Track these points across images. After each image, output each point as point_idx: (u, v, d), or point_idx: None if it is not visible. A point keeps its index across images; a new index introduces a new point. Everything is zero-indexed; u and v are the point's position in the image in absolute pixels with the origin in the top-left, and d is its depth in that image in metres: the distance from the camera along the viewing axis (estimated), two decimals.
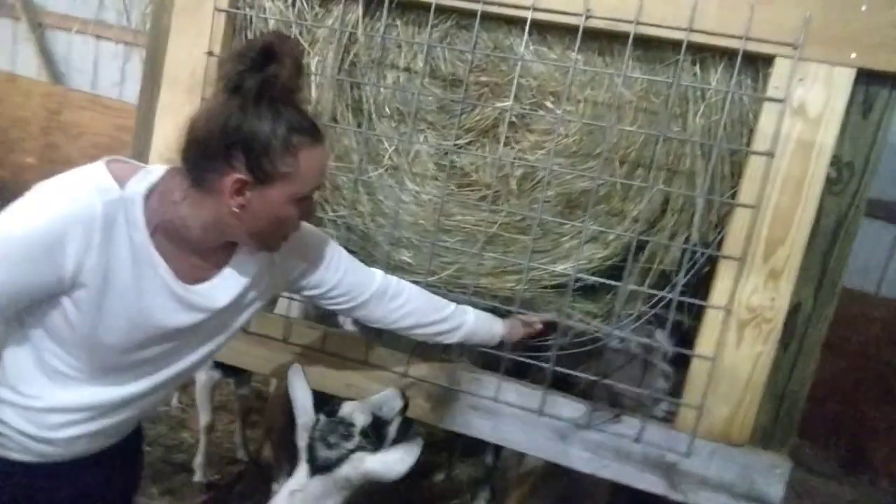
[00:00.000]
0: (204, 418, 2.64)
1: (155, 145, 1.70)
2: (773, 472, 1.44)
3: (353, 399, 1.41)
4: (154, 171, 1.07)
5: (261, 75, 0.98)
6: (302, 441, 1.29)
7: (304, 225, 1.26)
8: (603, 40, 1.50)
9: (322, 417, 1.29)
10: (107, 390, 1.12)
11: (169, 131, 1.66)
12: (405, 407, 1.42)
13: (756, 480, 1.45)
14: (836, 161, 1.39)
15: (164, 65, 1.68)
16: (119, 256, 1.01)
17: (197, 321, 1.13)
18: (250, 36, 1.67)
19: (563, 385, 1.61)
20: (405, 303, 1.40)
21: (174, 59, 1.67)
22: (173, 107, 1.68)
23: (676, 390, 1.60)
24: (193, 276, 1.11)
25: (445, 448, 3.30)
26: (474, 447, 3.03)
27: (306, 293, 1.32)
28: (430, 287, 1.65)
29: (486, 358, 1.65)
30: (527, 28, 1.46)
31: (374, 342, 1.65)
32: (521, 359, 1.58)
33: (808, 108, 1.35)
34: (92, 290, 1.01)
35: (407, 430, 1.35)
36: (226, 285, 1.15)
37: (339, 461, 1.23)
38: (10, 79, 5.46)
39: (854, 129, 1.38)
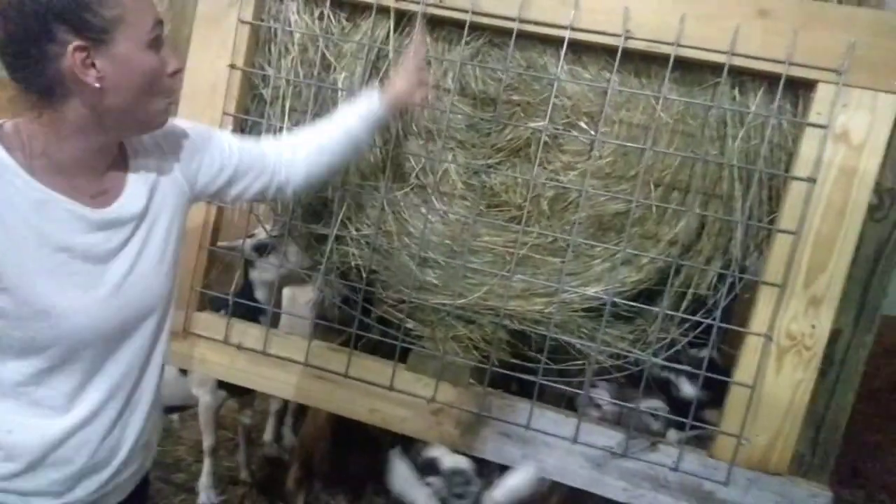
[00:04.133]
0: (208, 440, 2.56)
1: None
2: (812, 502, 1.42)
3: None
4: None
5: None
6: None
7: (181, 121, 1.22)
8: (639, 61, 1.47)
9: (435, 480, 1.28)
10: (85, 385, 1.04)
11: None
12: None
13: None
14: (877, 188, 1.38)
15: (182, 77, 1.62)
16: (13, 208, 0.92)
17: (124, 238, 1.04)
18: (274, 49, 1.62)
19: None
20: (299, 151, 1.34)
21: (194, 71, 1.61)
22: (195, 119, 1.61)
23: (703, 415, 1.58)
24: (99, 202, 1.02)
25: None
26: None
27: (214, 186, 1.23)
28: (457, 310, 1.62)
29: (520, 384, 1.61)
30: (563, 48, 1.43)
31: (400, 367, 1.61)
32: (555, 385, 1.54)
33: (851, 135, 1.34)
34: (2, 261, 0.92)
35: None
36: (134, 195, 1.06)
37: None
38: None
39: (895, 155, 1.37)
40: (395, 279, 1.66)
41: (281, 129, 1.63)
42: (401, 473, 1.26)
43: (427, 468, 1.29)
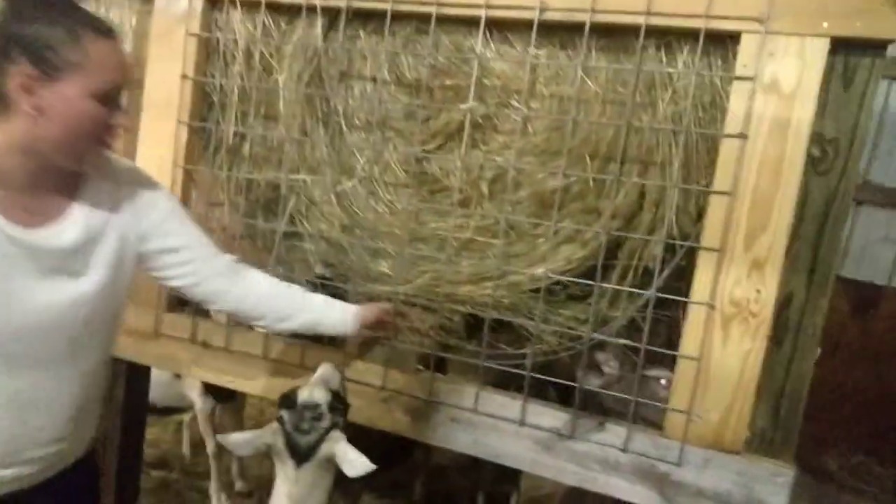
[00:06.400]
0: (210, 445, 2.66)
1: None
2: (773, 481, 1.32)
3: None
4: None
5: None
6: (279, 442, 1.28)
7: (155, 181, 1.25)
8: (564, 34, 1.45)
9: (285, 413, 1.27)
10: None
11: (151, 154, 1.70)
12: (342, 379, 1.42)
13: (756, 490, 1.33)
14: (818, 139, 1.29)
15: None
16: None
17: (48, 267, 1.08)
18: (221, 58, 1.70)
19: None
20: (251, 283, 1.35)
21: (152, 84, 1.71)
22: (153, 129, 1.71)
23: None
24: (33, 221, 1.07)
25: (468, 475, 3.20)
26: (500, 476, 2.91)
27: (155, 253, 1.23)
28: (411, 297, 1.62)
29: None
30: (481, 26, 1.43)
31: (351, 356, 1.62)
32: (500, 366, 1.51)
33: (780, 85, 1.27)
34: None
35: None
36: (71, 226, 1.10)
37: (319, 442, 1.25)
38: None
39: (835, 104, 1.28)
40: (351, 272, 1.69)
41: (234, 134, 1.70)
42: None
43: (284, 401, 1.28)
